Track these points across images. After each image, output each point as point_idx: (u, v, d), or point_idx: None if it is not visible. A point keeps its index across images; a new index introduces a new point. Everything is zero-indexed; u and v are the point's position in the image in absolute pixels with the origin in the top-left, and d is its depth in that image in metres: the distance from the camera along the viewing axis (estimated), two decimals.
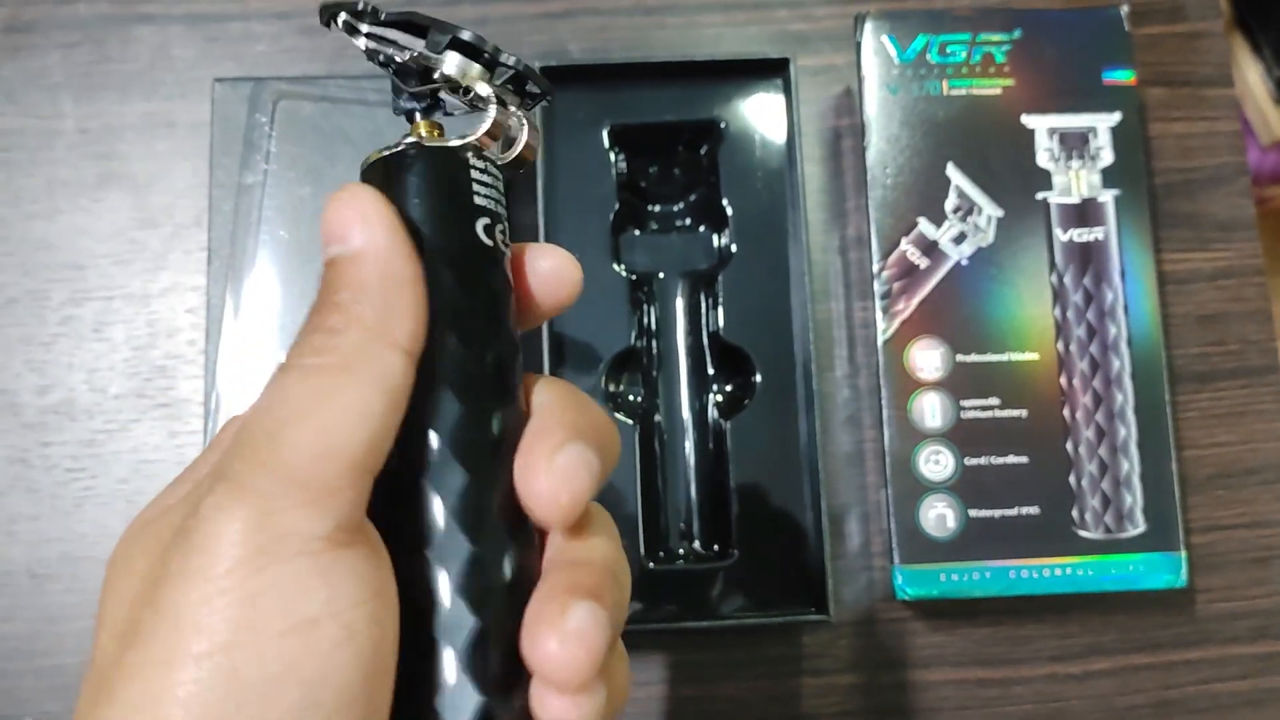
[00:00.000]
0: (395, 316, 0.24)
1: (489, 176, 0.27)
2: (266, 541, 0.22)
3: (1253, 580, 0.51)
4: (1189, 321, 0.53)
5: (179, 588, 0.21)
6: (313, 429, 0.22)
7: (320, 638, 0.21)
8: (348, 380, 0.23)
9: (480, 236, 0.26)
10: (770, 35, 0.55)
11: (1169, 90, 0.55)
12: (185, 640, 0.21)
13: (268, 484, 0.22)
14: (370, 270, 0.24)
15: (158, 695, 0.21)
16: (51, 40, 0.54)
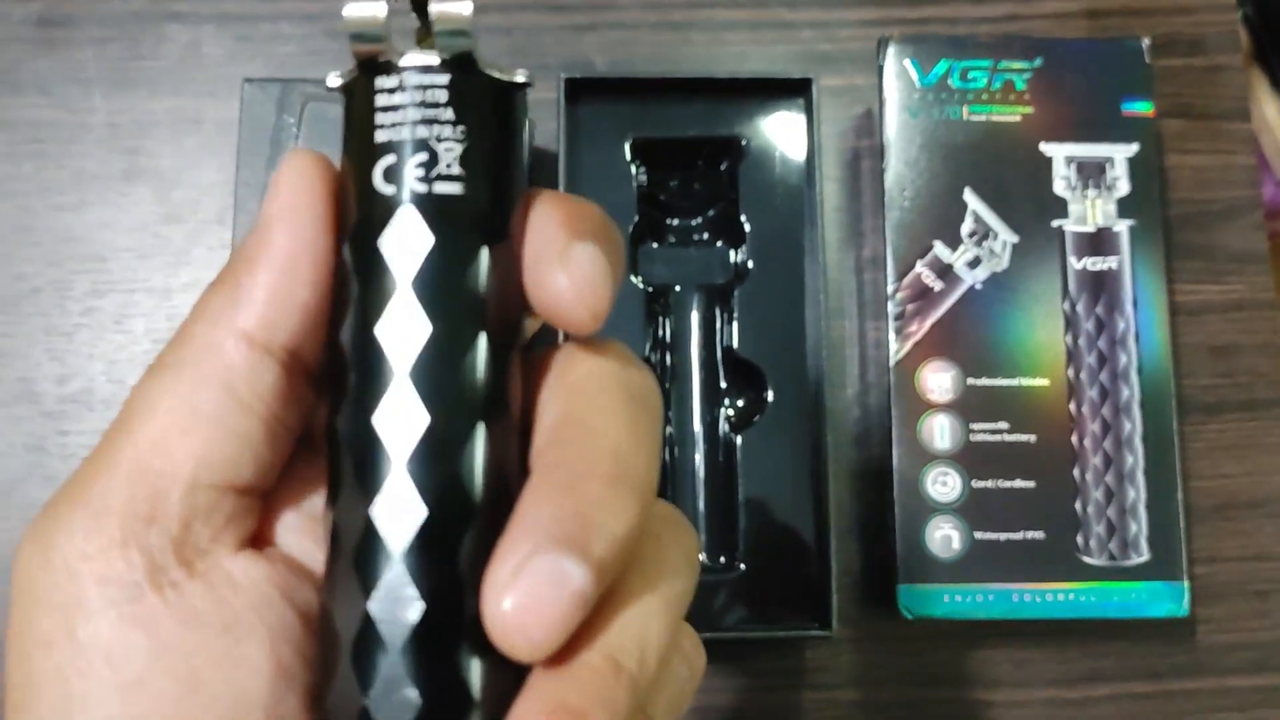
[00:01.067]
0: (260, 304, 0.20)
1: (407, 94, 0.21)
2: (72, 598, 0.19)
3: (1254, 612, 0.51)
4: (1199, 352, 0.53)
5: (9, 655, 0.20)
6: (129, 444, 0.20)
7: (154, 695, 0.19)
8: (181, 385, 0.20)
9: (377, 184, 0.21)
10: (794, 54, 0.56)
11: (1187, 122, 0.56)
12: (38, 698, 0.19)
13: (78, 519, 0.19)
14: (250, 248, 0.21)
15: None
16: (85, 35, 0.55)
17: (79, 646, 0.19)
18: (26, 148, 0.54)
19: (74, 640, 0.19)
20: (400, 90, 0.21)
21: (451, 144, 0.21)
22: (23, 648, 0.19)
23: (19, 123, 0.54)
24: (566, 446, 0.20)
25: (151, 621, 0.19)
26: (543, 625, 0.18)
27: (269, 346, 0.20)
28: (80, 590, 0.19)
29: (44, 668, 0.19)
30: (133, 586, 0.19)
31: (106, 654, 0.19)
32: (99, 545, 0.19)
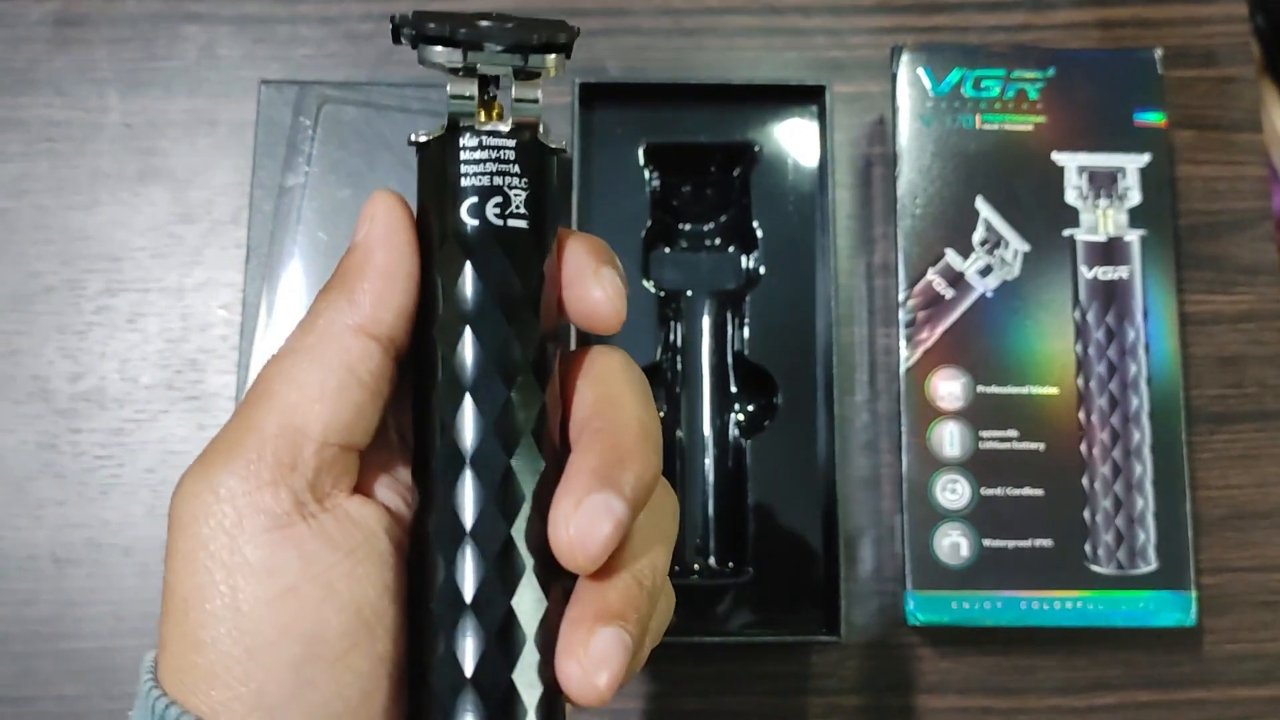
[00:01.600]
0: (363, 300, 0.26)
1: (485, 151, 0.27)
2: (235, 522, 0.24)
3: (1261, 623, 0.51)
4: (1209, 363, 0.53)
5: (176, 572, 0.24)
6: (275, 411, 0.25)
7: (303, 599, 0.24)
8: (311, 363, 0.25)
9: (464, 217, 0.27)
10: (807, 61, 0.56)
11: (1198, 133, 0.56)
12: (192, 625, 0.24)
13: (234, 466, 0.24)
14: (357, 262, 0.26)
15: (188, 668, 0.24)
16: (101, 35, 0.55)
17: (243, 560, 0.24)
18: (41, 147, 0.54)
19: (238, 555, 0.24)
20: (480, 149, 0.27)
21: (520, 190, 0.27)
22: (192, 563, 0.24)
23: (34, 122, 0.54)
24: (605, 416, 0.27)
25: (299, 542, 0.24)
26: (595, 544, 0.24)
27: (377, 337, 0.26)
28: (241, 518, 0.24)
29: (211, 579, 0.24)
30: (283, 515, 0.24)
31: (267, 567, 0.24)
32: (256, 484, 0.24)
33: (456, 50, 0.27)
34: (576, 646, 0.25)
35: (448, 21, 0.27)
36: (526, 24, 0.28)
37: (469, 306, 0.26)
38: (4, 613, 0.50)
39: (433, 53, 0.27)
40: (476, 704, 0.25)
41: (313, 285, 0.48)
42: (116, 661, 0.49)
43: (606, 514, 0.25)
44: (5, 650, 0.49)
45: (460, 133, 0.27)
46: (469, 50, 0.27)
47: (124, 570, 0.50)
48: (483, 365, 0.26)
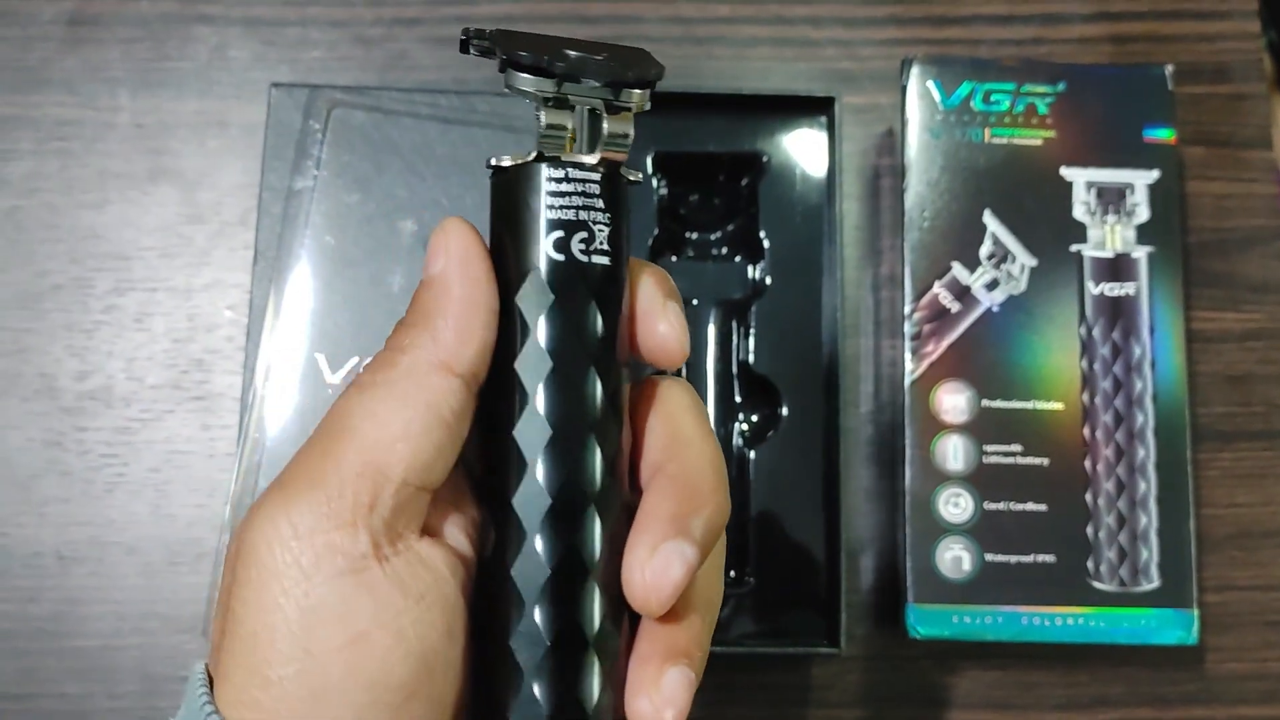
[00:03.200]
0: (448, 340, 0.25)
1: (572, 183, 0.27)
2: (312, 562, 0.24)
3: (1264, 643, 0.51)
4: (1215, 381, 0.53)
5: (246, 603, 0.24)
6: (358, 450, 0.24)
7: (373, 646, 0.24)
8: (395, 401, 0.25)
9: (549, 251, 0.26)
10: (817, 72, 0.56)
11: (1208, 150, 0.56)
12: (259, 661, 0.24)
13: (312, 504, 0.24)
14: (435, 296, 0.26)
15: (250, 703, 0.24)
16: (113, 35, 0.55)
17: (317, 602, 0.23)
18: (52, 145, 0.54)
19: (312, 596, 0.23)
20: (566, 181, 0.26)
21: (603, 226, 0.27)
22: (263, 596, 0.24)
23: (45, 120, 0.54)
24: (678, 459, 0.27)
25: (373, 587, 0.24)
26: (668, 589, 0.25)
27: (461, 374, 0.25)
28: (318, 557, 0.24)
29: (284, 618, 0.23)
30: (359, 558, 0.24)
31: (340, 611, 0.23)
32: (335, 523, 0.24)
33: (550, 80, 0.27)
34: (647, 684, 0.26)
35: (540, 49, 0.26)
36: (619, 56, 0.27)
37: (553, 343, 0.26)
38: (7, 610, 0.50)
39: (523, 80, 0.27)
40: None
41: (320, 289, 0.48)
42: (118, 660, 0.50)
43: (680, 560, 0.25)
44: (8, 647, 0.49)
45: (546, 163, 0.27)
46: (564, 81, 0.27)
47: (127, 569, 0.50)
48: (567, 403, 0.26)
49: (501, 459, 0.27)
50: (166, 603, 0.50)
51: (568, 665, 0.26)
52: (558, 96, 0.27)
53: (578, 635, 0.26)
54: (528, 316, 0.26)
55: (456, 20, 0.56)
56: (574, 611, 0.26)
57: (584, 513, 0.26)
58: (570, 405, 0.26)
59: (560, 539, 0.26)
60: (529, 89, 0.27)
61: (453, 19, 0.56)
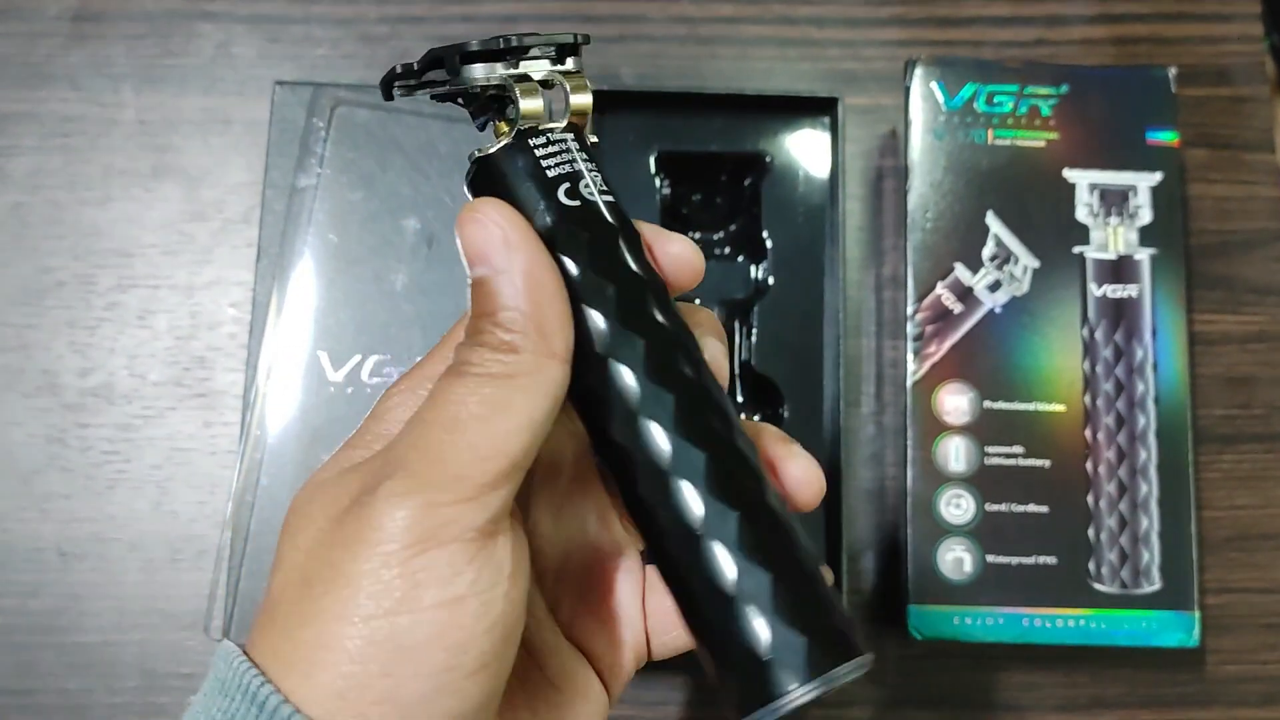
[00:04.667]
0: (552, 329, 0.27)
1: (555, 145, 0.29)
2: (430, 529, 0.25)
3: (1264, 645, 0.51)
4: (1217, 383, 0.53)
5: (354, 554, 0.25)
6: (484, 435, 0.26)
7: (464, 612, 0.25)
8: (517, 393, 0.26)
9: (564, 200, 0.28)
10: (820, 72, 0.56)
11: (1211, 152, 0.56)
12: (356, 602, 0.25)
13: (439, 479, 0.25)
14: (522, 290, 0.27)
15: (329, 643, 0.25)
16: (118, 31, 0.55)
17: (425, 563, 0.25)
18: (55, 141, 0.54)
19: (420, 557, 0.25)
20: (551, 144, 0.29)
21: (595, 173, 0.29)
22: (365, 554, 0.25)
23: (49, 116, 0.54)
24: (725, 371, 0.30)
25: (477, 558, 0.25)
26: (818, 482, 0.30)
27: (566, 358, 0.27)
28: (435, 524, 0.25)
29: (379, 570, 0.25)
30: (473, 530, 0.25)
31: (444, 574, 0.25)
32: (457, 497, 0.25)
33: (502, 62, 0.29)
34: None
35: (485, 44, 0.29)
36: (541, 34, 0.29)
37: (607, 272, 0.28)
38: (8, 605, 0.50)
39: (478, 70, 0.29)
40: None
41: (323, 286, 0.48)
42: (119, 656, 0.50)
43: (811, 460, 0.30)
44: (8, 642, 0.49)
45: (530, 135, 0.29)
46: (517, 59, 0.29)
47: (128, 565, 0.50)
48: (644, 317, 0.28)
49: (605, 400, 0.28)
50: (167, 599, 0.50)
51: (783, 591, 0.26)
52: (517, 74, 0.29)
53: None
54: (575, 260, 0.28)
55: (461, 18, 0.56)
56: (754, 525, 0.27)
57: (715, 411, 0.28)
58: (648, 318, 0.28)
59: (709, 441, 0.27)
60: (488, 75, 0.29)
61: (457, 17, 0.56)
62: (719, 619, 0.27)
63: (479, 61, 0.29)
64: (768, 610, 0.26)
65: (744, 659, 0.26)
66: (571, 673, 0.31)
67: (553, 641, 0.31)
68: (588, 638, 0.32)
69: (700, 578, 0.27)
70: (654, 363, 0.28)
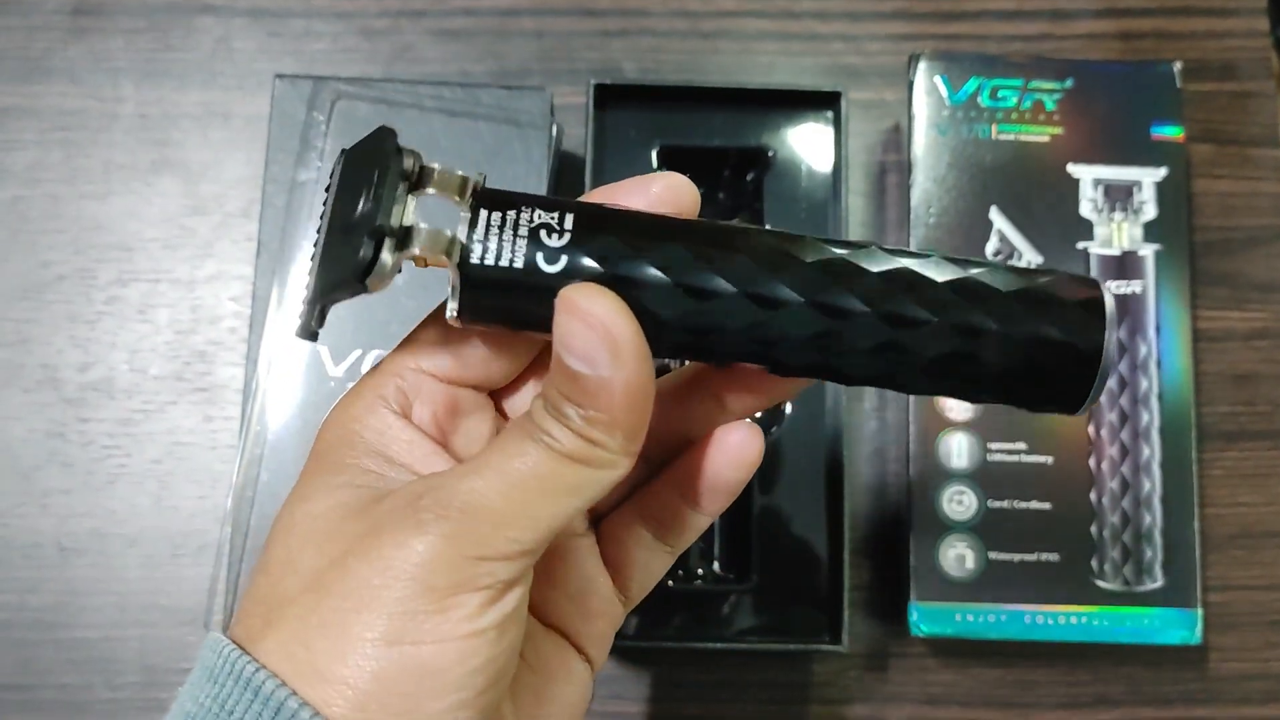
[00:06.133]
0: (638, 436, 0.26)
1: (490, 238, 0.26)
2: (471, 576, 0.25)
3: (1267, 643, 0.51)
4: (1220, 380, 0.53)
5: (388, 580, 0.25)
6: (546, 508, 0.26)
7: (485, 641, 0.25)
8: (589, 482, 0.26)
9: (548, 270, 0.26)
10: (823, 66, 0.56)
11: (1216, 148, 0.55)
12: (387, 627, 0.25)
13: (490, 536, 0.25)
14: (621, 404, 0.25)
15: (353, 660, 0.25)
16: (117, 25, 0.55)
17: (459, 600, 0.25)
18: (55, 136, 0.54)
19: (460, 596, 0.25)
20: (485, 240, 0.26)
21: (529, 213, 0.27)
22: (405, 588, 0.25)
23: (48, 111, 0.54)
24: None
25: (504, 596, 0.26)
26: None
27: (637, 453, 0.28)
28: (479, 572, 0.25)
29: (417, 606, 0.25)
30: (507, 580, 0.26)
31: (474, 610, 0.25)
32: (506, 555, 0.26)
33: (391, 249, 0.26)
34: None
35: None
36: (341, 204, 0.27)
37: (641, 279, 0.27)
38: (7, 600, 0.50)
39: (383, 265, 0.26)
40: None
41: None
42: (119, 652, 0.49)
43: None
44: (7, 638, 0.49)
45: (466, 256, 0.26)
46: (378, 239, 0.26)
47: (128, 561, 0.50)
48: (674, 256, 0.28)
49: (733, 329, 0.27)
50: (168, 594, 0.50)
51: None
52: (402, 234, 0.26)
53: None
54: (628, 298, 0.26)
55: (462, 13, 0.55)
56: None
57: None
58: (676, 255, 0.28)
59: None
60: (395, 261, 0.26)
61: (459, 11, 0.55)
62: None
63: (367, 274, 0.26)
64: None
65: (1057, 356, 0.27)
66: (548, 656, 0.31)
67: (529, 629, 0.31)
68: (561, 617, 0.32)
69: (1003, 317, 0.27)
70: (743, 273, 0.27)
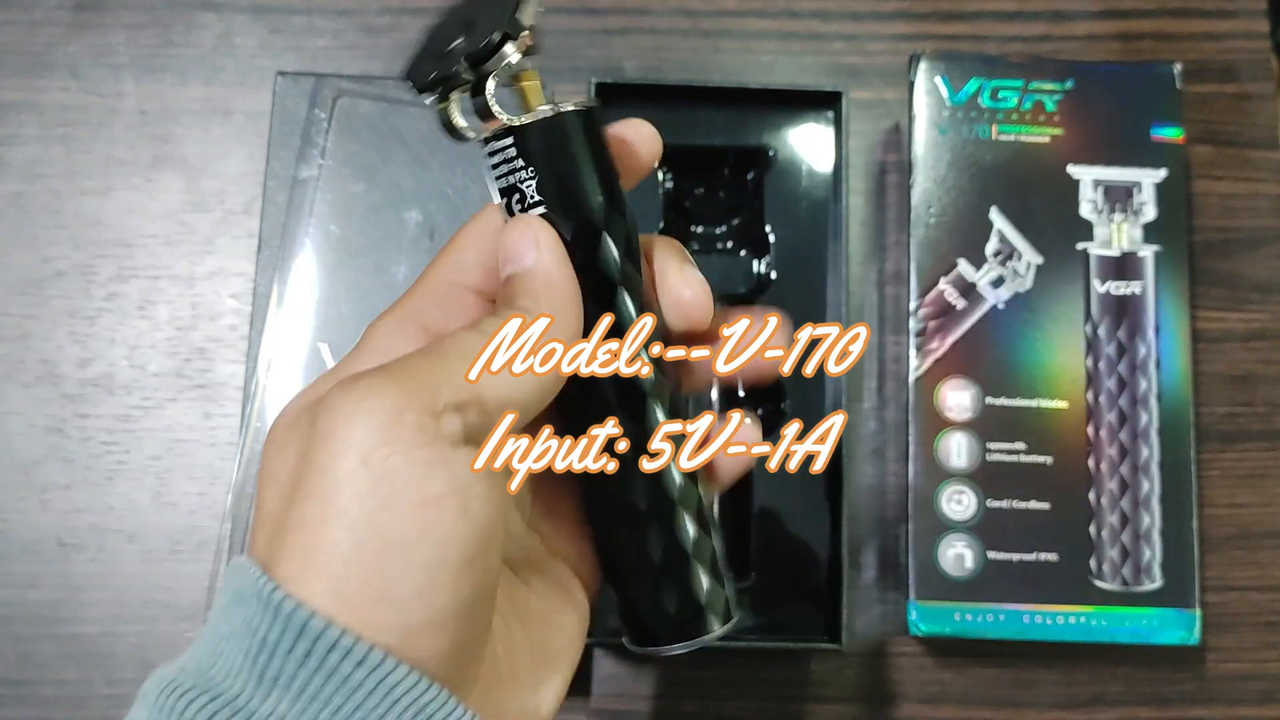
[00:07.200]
0: (564, 317, 0.29)
1: (496, 155, 0.30)
2: (399, 432, 0.26)
3: (1265, 643, 0.51)
4: (1219, 381, 0.53)
5: (333, 454, 0.26)
6: (463, 369, 0.28)
7: (444, 510, 0.26)
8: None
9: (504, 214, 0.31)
10: (824, 66, 0.56)
11: (1215, 149, 0.55)
12: (339, 504, 0.25)
13: (413, 390, 0.27)
14: (541, 282, 0.30)
15: (319, 546, 0.25)
16: (119, 20, 0.55)
17: (393, 466, 0.26)
18: (56, 131, 0.54)
19: (388, 461, 0.26)
20: (495, 153, 0.31)
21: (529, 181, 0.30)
22: (336, 468, 0.26)
23: (49, 106, 0.54)
24: None
25: (448, 462, 0.26)
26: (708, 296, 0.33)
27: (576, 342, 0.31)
28: (400, 432, 0.26)
29: (354, 477, 0.26)
30: (442, 440, 0.26)
31: (416, 474, 0.26)
32: (430, 411, 0.26)
33: (432, 92, 0.30)
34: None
35: (416, 66, 0.31)
36: (473, 29, 0.30)
37: None
38: (6, 596, 0.50)
39: (422, 97, 0.31)
40: None
41: (324, 278, 0.48)
42: (118, 647, 0.49)
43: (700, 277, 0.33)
44: (6, 633, 0.49)
45: (485, 145, 0.31)
46: (438, 86, 0.30)
47: (127, 556, 0.50)
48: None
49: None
50: (166, 590, 0.50)
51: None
52: (442, 100, 0.31)
53: None
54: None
55: None
56: None
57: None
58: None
59: None
60: (428, 104, 0.31)
61: None
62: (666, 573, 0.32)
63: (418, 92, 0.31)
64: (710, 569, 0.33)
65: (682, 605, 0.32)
66: (556, 585, 0.33)
67: (535, 558, 0.33)
68: (564, 545, 0.34)
69: (655, 541, 0.32)
70: None
